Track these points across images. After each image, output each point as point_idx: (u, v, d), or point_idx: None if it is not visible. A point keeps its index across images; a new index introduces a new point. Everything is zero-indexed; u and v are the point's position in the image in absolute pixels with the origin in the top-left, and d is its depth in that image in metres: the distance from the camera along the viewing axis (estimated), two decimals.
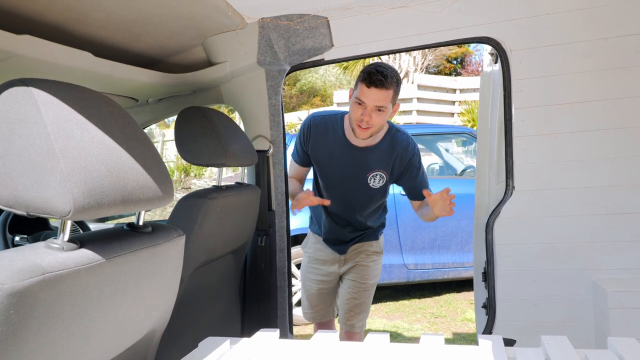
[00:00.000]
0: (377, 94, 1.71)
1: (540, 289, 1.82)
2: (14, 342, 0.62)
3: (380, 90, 1.70)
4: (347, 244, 2.08)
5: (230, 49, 1.85)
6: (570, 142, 1.77)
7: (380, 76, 1.69)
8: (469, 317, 3.69)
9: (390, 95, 1.73)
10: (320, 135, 1.95)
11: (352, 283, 2.09)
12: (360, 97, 1.74)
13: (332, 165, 1.96)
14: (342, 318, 2.12)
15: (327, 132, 1.94)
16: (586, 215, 1.79)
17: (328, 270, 2.11)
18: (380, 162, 1.92)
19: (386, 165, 1.93)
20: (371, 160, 1.92)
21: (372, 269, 2.10)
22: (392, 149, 1.92)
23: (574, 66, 1.74)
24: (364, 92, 1.72)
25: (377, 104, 1.72)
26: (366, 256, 2.09)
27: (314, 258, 2.14)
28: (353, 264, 2.09)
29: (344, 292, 2.12)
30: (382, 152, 1.91)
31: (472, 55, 14.17)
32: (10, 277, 0.60)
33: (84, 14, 1.41)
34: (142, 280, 0.84)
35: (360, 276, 2.08)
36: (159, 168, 0.84)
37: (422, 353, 1.11)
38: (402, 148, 1.92)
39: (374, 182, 1.95)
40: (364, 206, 2.00)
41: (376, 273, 2.13)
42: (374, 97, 1.71)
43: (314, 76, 13.24)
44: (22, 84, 0.69)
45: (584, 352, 1.10)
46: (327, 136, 1.94)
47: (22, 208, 0.68)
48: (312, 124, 1.96)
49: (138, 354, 0.96)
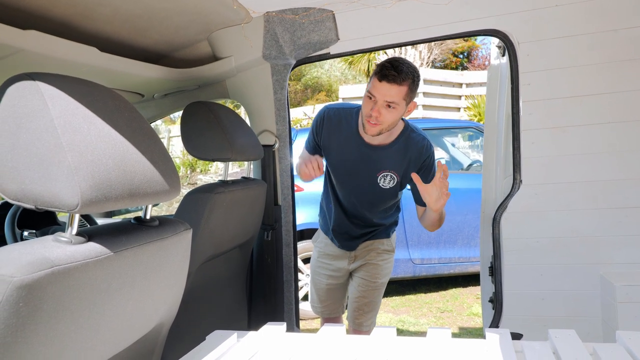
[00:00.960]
0: (388, 89, 1.64)
1: (547, 283, 1.81)
2: (24, 334, 0.62)
3: (391, 85, 1.63)
4: (356, 240, 2.03)
5: (235, 44, 1.85)
6: (579, 136, 1.75)
7: (394, 70, 1.62)
8: (475, 311, 3.69)
9: (403, 92, 1.65)
10: (333, 128, 1.89)
11: (361, 281, 2.06)
12: (372, 90, 1.68)
13: (343, 160, 1.91)
14: (351, 316, 2.09)
15: (340, 125, 1.88)
16: (594, 209, 1.77)
17: (337, 265, 2.09)
18: (392, 162, 1.85)
19: (398, 167, 1.85)
20: (382, 160, 1.85)
21: (382, 267, 2.06)
22: (406, 150, 1.84)
23: (583, 58, 1.72)
24: (375, 86, 1.66)
25: (388, 100, 1.65)
26: (377, 254, 2.05)
27: (324, 253, 2.12)
28: (363, 262, 2.06)
29: (353, 290, 2.10)
30: (394, 152, 1.84)
31: (478, 49, 14.07)
32: (20, 270, 0.61)
33: (90, 9, 1.41)
34: (150, 273, 0.85)
35: (370, 275, 2.05)
36: (165, 162, 0.84)
37: (429, 346, 1.11)
38: (416, 150, 1.83)
39: (383, 182, 1.88)
40: (373, 205, 1.96)
41: (387, 272, 2.08)
42: (385, 92, 1.65)
43: (319, 71, 13.20)
44: (29, 78, 0.69)
45: (592, 345, 1.10)
46: (340, 130, 1.88)
47: (30, 202, 0.68)
48: (326, 116, 1.91)
49: (146, 347, 0.97)
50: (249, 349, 1.13)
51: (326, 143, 1.92)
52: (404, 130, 1.85)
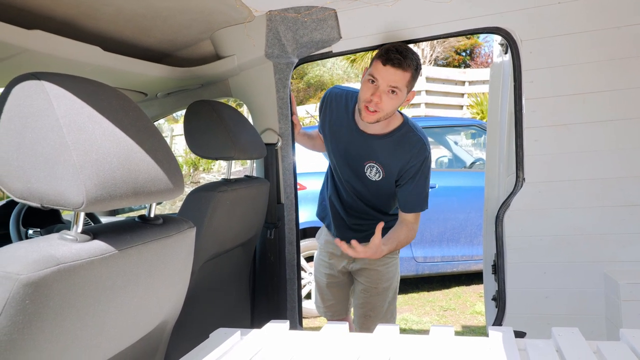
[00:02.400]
0: (393, 74, 1.59)
1: (550, 282, 1.81)
2: (30, 331, 0.63)
3: (396, 69, 1.58)
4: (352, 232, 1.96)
5: (238, 42, 1.85)
6: (582, 133, 1.75)
7: (399, 55, 1.58)
8: (478, 310, 3.69)
9: (407, 78, 1.61)
10: (333, 108, 1.89)
11: (363, 287, 2.03)
12: (374, 73, 1.62)
13: (336, 143, 1.88)
14: (357, 322, 2.07)
15: (339, 107, 1.87)
16: (598, 206, 1.77)
17: (336, 264, 2.09)
18: (379, 154, 1.79)
19: (384, 160, 1.79)
20: (371, 149, 1.80)
21: (382, 273, 2.00)
22: (397, 146, 1.77)
23: (586, 56, 1.71)
24: (379, 70, 1.61)
25: (392, 84, 1.60)
26: (378, 259, 1.94)
27: (324, 250, 2.13)
28: (363, 266, 2.02)
29: (356, 297, 2.08)
30: (385, 144, 1.78)
31: (481, 46, 14.02)
32: (26, 268, 0.61)
33: (94, 9, 1.42)
34: (154, 271, 0.85)
35: (370, 281, 2.01)
36: (169, 161, 0.85)
37: (432, 344, 1.11)
38: (407, 150, 1.76)
39: (370, 173, 1.83)
40: (365, 197, 1.92)
41: (389, 276, 2.01)
42: (389, 77, 1.59)
43: (321, 69, 13.18)
44: (34, 77, 0.70)
45: (595, 343, 1.10)
46: (339, 111, 1.87)
47: (36, 200, 0.69)
48: (328, 96, 1.92)
49: (150, 344, 0.97)
50: (253, 347, 1.13)
51: (323, 123, 1.93)
52: (401, 126, 1.79)
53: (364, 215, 1.97)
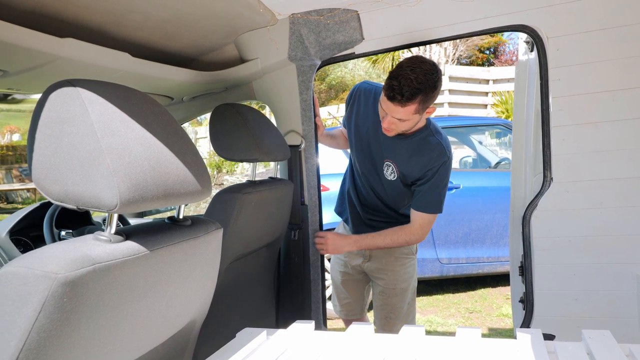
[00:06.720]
0: (394, 110, 1.61)
1: (580, 283, 1.77)
2: (67, 328, 0.65)
3: (396, 106, 1.60)
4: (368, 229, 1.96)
5: (261, 46, 1.87)
6: (611, 132, 1.70)
7: (398, 93, 1.56)
8: (505, 312, 3.62)
9: (412, 109, 1.60)
10: (361, 103, 1.91)
11: (380, 289, 2.02)
12: (381, 102, 1.66)
13: (359, 137, 1.91)
14: (379, 324, 2.06)
15: (367, 102, 1.89)
16: (628, 207, 1.72)
17: (351, 262, 2.08)
18: (397, 155, 1.82)
19: (401, 162, 1.81)
20: (390, 147, 1.82)
21: (400, 273, 1.99)
22: (416, 149, 1.79)
23: (615, 52, 1.67)
24: (384, 101, 1.63)
25: (396, 117, 1.64)
26: (394, 259, 1.98)
27: None
28: (380, 265, 2.01)
29: (375, 299, 2.07)
30: (405, 145, 1.80)
31: (505, 44, 13.77)
32: (64, 268, 0.64)
33: (122, 16, 1.46)
34: (183, 271, 0.87)
35: (387, 282, 2.00)
36: (197, 164, 0.87)
37: (458, 346, 1.10)
38: (426, 155, 1.77)
39: (386, 172, 1.85)
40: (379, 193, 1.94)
41: (407, 277, 2.01)
42: (392, 110, 1.62)
43: (342, 70, 13.18)
44: (69, 84, 0.73)
45: (628, 347, 1.07)
46: (367, 106, 1.89)
47: (72, 202, 0.72)
48: (357, 90, 1.94)
49: (180, 342, 1.00)
50: (279, 347, 1.14)
51: (349, 115, 1.96)
52: (423, 129, 1.80)
53: (377, 211, 1.99)
